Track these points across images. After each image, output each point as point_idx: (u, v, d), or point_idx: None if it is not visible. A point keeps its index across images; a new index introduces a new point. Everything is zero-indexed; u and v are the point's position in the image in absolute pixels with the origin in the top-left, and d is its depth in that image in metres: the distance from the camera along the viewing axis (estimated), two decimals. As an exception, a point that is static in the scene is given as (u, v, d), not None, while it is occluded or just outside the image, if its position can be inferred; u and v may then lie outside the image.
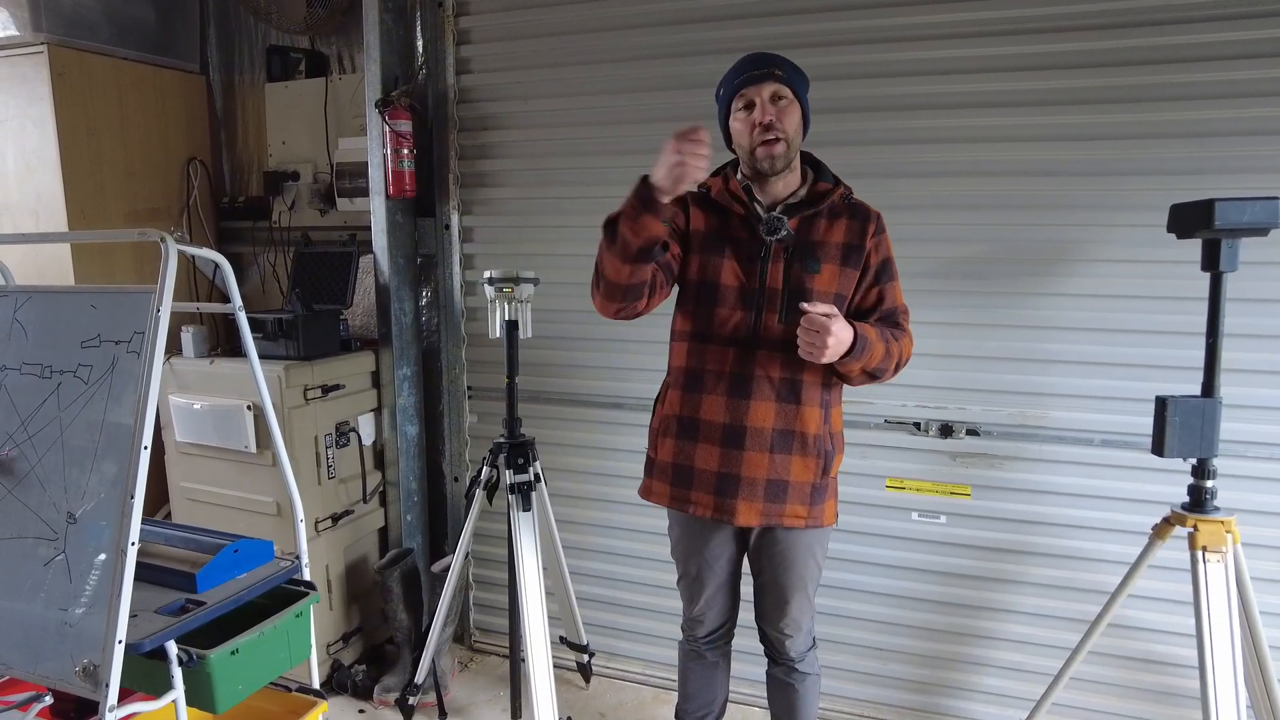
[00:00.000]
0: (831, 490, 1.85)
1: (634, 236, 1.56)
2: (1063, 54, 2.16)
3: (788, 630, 1.91)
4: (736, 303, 1.78)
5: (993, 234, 2.28)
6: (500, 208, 2.82)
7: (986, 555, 2.39)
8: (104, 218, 2.76)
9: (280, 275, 3.14)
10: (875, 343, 1.70)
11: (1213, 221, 1.69)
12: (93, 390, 1.53)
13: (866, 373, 1.74)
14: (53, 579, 1.49)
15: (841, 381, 1.82)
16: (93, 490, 1.49)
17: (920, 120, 2.30)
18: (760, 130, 1.71)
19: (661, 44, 2.53)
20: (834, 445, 1.82)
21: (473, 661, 3.00)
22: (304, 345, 2.59)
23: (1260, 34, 2.01)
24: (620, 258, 1.60)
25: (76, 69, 2.65)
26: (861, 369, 1.71)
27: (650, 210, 1.52)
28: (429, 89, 2.81)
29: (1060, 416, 2.28)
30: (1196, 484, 1.86)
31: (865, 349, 1.68)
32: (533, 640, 2.16)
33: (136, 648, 1.43)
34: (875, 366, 1.72)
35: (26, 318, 1.65)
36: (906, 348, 1.80)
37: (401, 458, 2.88)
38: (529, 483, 2.26)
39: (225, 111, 3.21)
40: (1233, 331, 1.93)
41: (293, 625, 1.76)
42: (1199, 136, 2.09)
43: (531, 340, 2.31)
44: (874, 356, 1.70)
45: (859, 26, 2.32)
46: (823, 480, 1.81)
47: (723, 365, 1.79)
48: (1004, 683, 2.43)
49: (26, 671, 1.48)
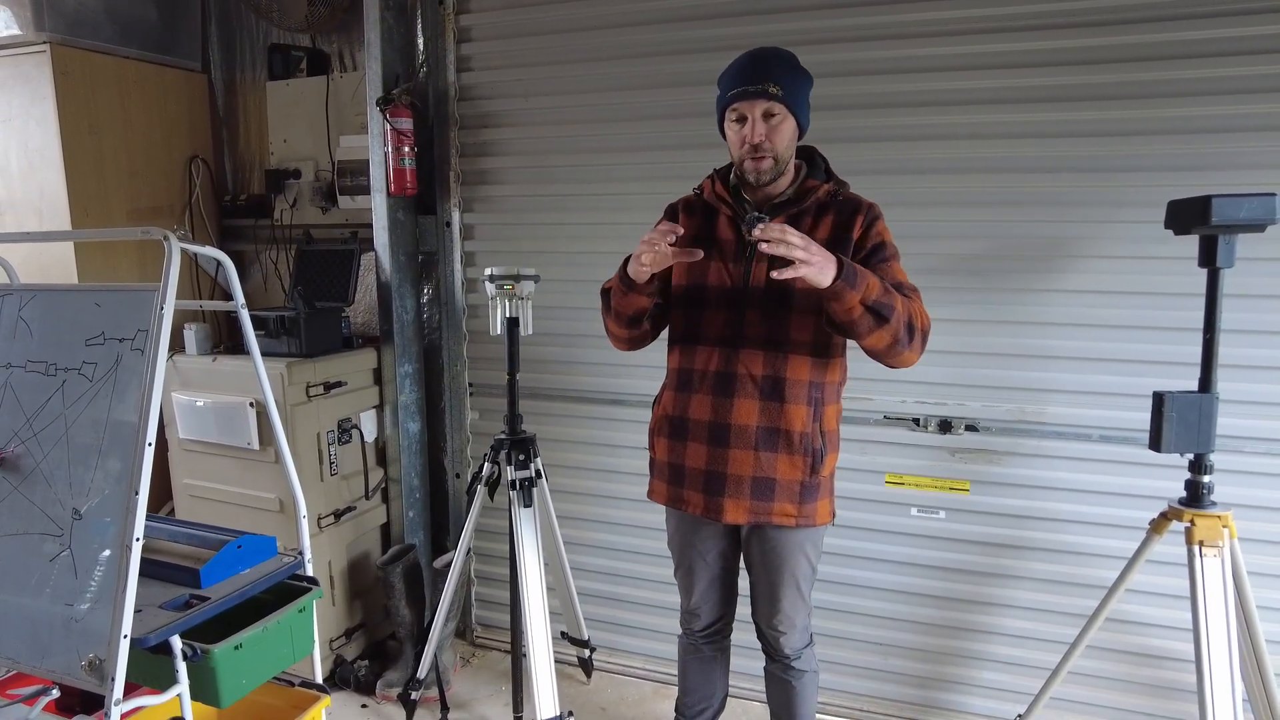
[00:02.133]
0: (825, 489, 1.84)
1: (625, 308, 1.84)
2: (1059, 50, 2.16)
3: (781, 627, 1.92)
4: (721, 303, 1.80)
5: (991, 230, 2.29)
6: (501, 205, 2.83)
7: (985, 550, 2.41)
8: (107, 216, 2.77)
9: (282, 273, 3.15)
10: (869, 276, 1.59)
11: (1210, 217, 1.69)
12: (97, 388, 1.54)
13: (874, 312, 1.59)
14: (58, 574, 1.50)
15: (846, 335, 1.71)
16: (97, 487, 1.50)
17: (917, 117, 2.30)
18: (750, 148, 1.72)
19: (661, 41, 2.53)
20: (825, 444, 1.80)
21: (475, 657, 3.02)
22: (306, 342, 2.60)
23: (1256, 30, 2.01)
24: (618, 322, 1.90)
25: (79, 68, 2.66)
26: (863, 303, 1.58)
27: (634, 290, 1.79)
28: (430, 87, 2.82)
29: (1058, 412, 2.29)
30: (1194, 479, 1.87)
31: (858, 277, 1.57)
32: (534, 635, 2.17)
33: (141, 642, 1.44)
34: (879, 301, 1.59)
35: (31, 316, 1.66)
36: (921, 310, 1.69)
37: (403, 454, 2.89)
38: (530, 479, 2.27)
39: (227, 110, 3.22)
40: (1229, 327, 1.94)
41: (296, 620, 1.77)
42: (1196, 132, 2.09)
43: (532, 337, 2.32)
44: (871, 287, 1.58)
45: (855, 24, 2.32)
46: (812, 479, 1.79)
47: (708, 364, 1.81)
48: (1002, 677, 2.44)
49: (33, 666, 1.50)
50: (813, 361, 1.77)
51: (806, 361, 1.76)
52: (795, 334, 1.75)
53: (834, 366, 1.81)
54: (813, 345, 1.76)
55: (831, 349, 1.79)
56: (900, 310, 1.63)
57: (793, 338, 1.75)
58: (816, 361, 1.77)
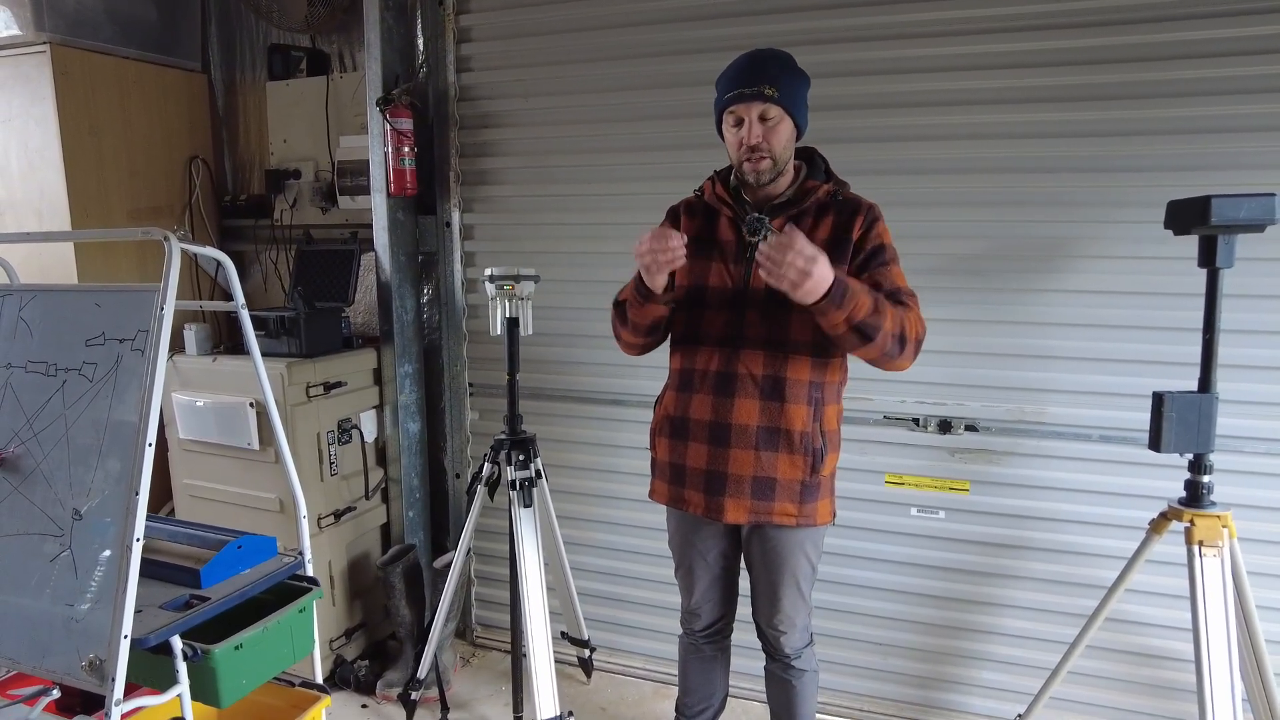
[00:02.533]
0: (825, 489, 1.84)
1: (643, 319, 1.83)
2: (1059, 50, 2.16)
3: (781, 627, 1.93)
4: (722, 303, 1.81)
5: (990, 230, 2.29)
6: (501, 205, 2.83)
7: (985, 550, 2.41)
8: (107, 216, 2.77)
9: (282, 273, 3.15)
10: (861, 295, 1.59)
11: (1209, 217, 1.69)
12: (97, 388, 1.54)
13: (858, 331, 1.61)
14: (58, 575, 1.50)
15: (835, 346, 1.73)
16: (97, 487, 1.50)
17: (916, 117, 2.30)
18: (747, 150, 1.73)
19: (662, 41, 2.53)
20: (826, 443, 1.80)
21: (475, 657, 3.02)
22: (306, 343, 2.60)
23: (1256, 30, 2.01)
24: (635, 333, 1.89)
25: (79, 68, 2.66)
26: (848, 323, 1.59)
27: (651, 300, 1.78)
28: (430, 87, 2.81)
29: (1058, 412, 2.29)
30: (1193, 479, 1.87)
31: (847, 296, 1.57)
32: (534, 635, 2.18)
33: (142, 642, 1.44)
34: (865, 322, 1.59)
35: (31, 316, 1.66)
36: (914, 322, 1.70)
37: (403, 454, 2.89)
38: (530, 479, 2.27)
39: (227, 110, 3.22)
40: (1229, 327, 1.94)
41: (296, 621, 1.77)
42: (1195, 133, 2.09)
43: (532, 337, 2.32)
44: (860, 308, 1.58)
45: (855, 24, 2.32)
46: (813, 478, 1.80)
47: (709, 365, 1.81)
48: (1002, 677, 2.44)
49: (33, 666, 1.50)
50: (813, 362, 1.77)
51: (807, 361, 1.76)
52: (796, 334, 1.76)
53: (834, 367, 1.82)
54: (813, 345, 1.76)
55: (832, 350, 1.79)
56: (888, 328, 1.63)
57: (793, 338, 1.76)
58: (817, 362, 1.77)
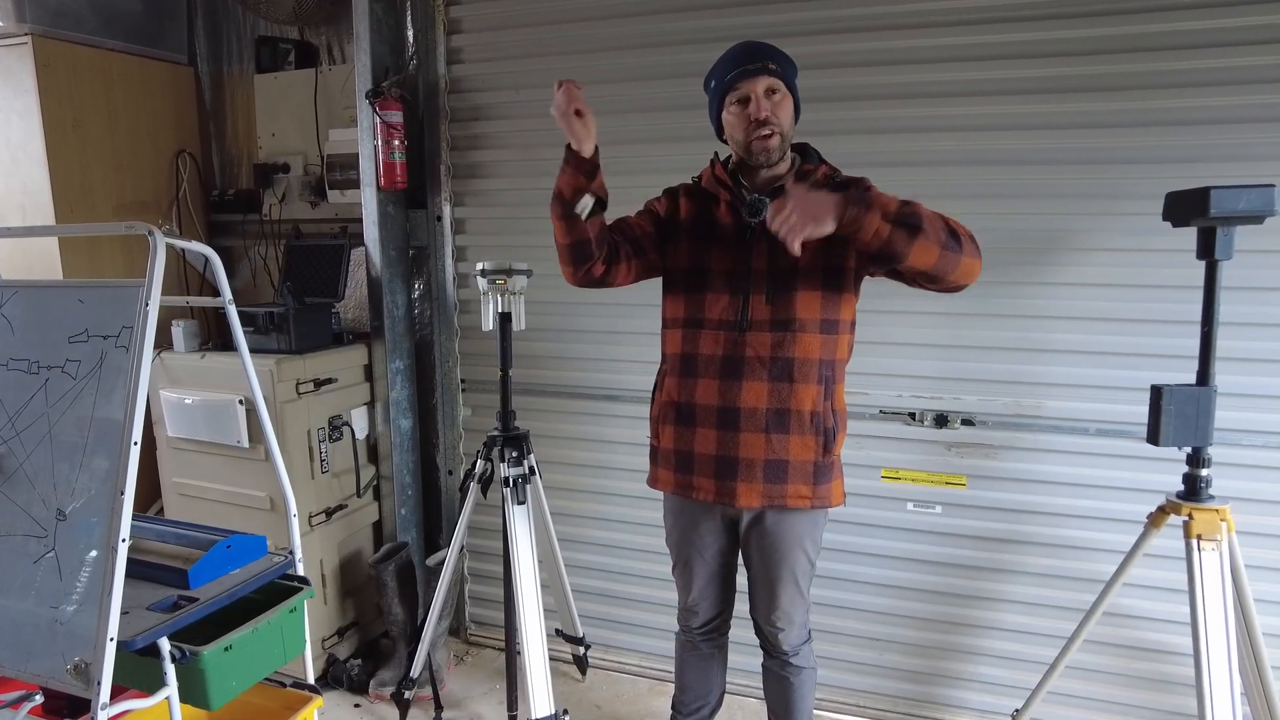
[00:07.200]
0: (836, 470, 1.84)
1: (564, 189, 1.67)
2: (1055, 41, 2.15)
3: (779, 623, 1.91)
4: (724, 287, 1.79)
5: (987, 223, 2.25)
6: (492, 199, 2.81)
7: (982, 545, 2.40)
8: (91, 211, 2.73)
9: (271, 268, 3.11)
10: (882, 194, 1.57)
11: (1208, 209, 1.68)
12: (81, 385, 1.51)
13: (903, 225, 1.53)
14: (43, 576, 1.48)
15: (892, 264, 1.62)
16: (83, 487, 1.47)
17: (912, 109, 2.28)
18: (756, 125, 1.72)
19: (654, 33, 2.51)
20: (836, 422, 1.80)
21: (468, 655, 3.00)
22: (296, 339, 2.57)
23: (1254, 20, 2.00)
24: (555, 214, 1.71)
25: (62, 60, 2.61)
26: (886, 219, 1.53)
27: (571, 164, 1.65)
28: (420, 79, 2.78)
29: (1055, 406, 2.28)
30: (1191, 473, 1.86)
31: (869, 195, 1.54)
32: (528, 633, 2.16)
33: (129, 645, 1.42)
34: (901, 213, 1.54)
35: (13, 313, 1.63)
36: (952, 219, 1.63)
37: (395, 451, 2.87)
38: (524, 476, 2.24)
39: (214, 103, 3.18)
40: (1228, 320, 1.93)
41: (287, 620, 1.75)
42: (1193, 124, 2.08)
43: (525, 332, 2.30)
44: (888, 201, 1.55)
45: (848, 15, 2.30)
46: (825, 459, 1.79)
47: (714, 349, 1.79)
48: (1000, 671, 2.44)
49: (17, 670, 1.47)
50: (823, 339, 1.76)
51: (816, 339, 1.75)
52: (802, 313, 1.74)
53: (842, 343, 1.80)
54: (821, 323, 1.75)
55: (839, 325, 1.78)
56: (927, 213, 1.57)
57: (799, 317, 1.74)
58: (826, 339, 1.76)
